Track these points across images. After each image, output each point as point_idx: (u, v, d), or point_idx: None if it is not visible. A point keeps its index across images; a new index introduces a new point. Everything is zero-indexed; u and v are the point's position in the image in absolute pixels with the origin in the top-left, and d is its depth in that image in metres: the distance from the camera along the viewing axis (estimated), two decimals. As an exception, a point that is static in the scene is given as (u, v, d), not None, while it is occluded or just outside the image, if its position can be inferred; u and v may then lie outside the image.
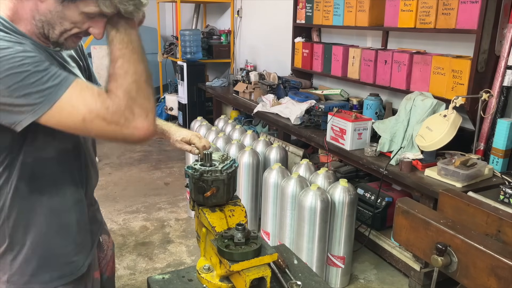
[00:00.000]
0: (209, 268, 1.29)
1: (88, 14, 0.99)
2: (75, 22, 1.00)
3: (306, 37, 4.32)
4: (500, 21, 2.55)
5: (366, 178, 3.44)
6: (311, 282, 1.36)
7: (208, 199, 1.28)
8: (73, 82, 0.93)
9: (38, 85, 0.90)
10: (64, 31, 1.01)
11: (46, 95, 0.90)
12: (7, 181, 1.06)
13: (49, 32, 1.01)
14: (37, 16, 0.99)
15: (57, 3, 0.97)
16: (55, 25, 1.00)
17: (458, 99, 2.44)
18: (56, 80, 0.91)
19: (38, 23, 1.00)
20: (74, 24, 1.01)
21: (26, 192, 1.08)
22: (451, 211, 1.62)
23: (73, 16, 0.99)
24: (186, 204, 3.83)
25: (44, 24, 1.00)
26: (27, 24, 1.01)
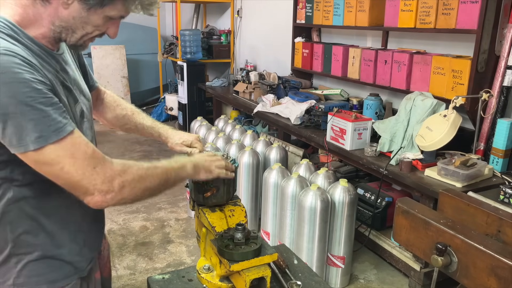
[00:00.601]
0: (209, 268, 1.29)
1: (111, 17, 1.04)
2: (98, 25, 1.04)
3: (306, 37, 4.32)
4: (500, 21, 2.55)
5: (366, 178, 3.44)
6: (311, 282, 1.36)
7: (208, 199, 1.28)
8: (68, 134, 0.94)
9: (35, 123, 0.90)
10: (85, 34, 1.05)
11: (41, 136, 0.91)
12: (9, 185, 1.04)
13: (67, 37, 1.04)
14: (57, 22, 1.00)
15: (83, 10, 1.00)
16: (77, 29, 1.03)
17: (458, 99, 2.44)
18: (52, 126, 0.92)
19: (57, 29, 1.01)
20: (96, 28, 1.05)
21: (29, 195, 1.06)
22: (451, 211, 1.62)
23: (97, 20, 1.03)
24: (186, 204, 3.83)
25: (63, 30, 1.02)
26: (39, 28, 1.01)
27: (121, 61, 6.44)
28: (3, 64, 0.88)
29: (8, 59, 0.90)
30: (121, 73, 6.48)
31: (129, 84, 6.56)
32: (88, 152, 0.98)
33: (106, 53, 6.33)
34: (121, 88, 6.49)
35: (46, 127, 0.91)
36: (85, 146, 0.98)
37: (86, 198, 0.99)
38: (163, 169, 1.12)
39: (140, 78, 7.00)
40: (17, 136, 0.90)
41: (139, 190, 1.06)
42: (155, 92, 7.24)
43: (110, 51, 6.33)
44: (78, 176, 0.96)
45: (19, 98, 0.88)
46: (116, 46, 6.37)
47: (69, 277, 1.16)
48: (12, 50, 0.92)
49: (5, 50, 0.90)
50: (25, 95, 0.89)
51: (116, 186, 1.00)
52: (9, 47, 0.92)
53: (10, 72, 0.88)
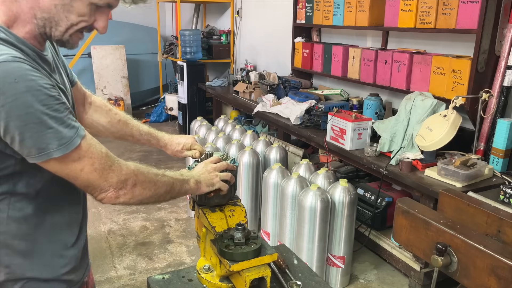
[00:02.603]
0: (209, 268, 1.29)
1: (97, 5, 0.97)
2: (83, 14, 0.97)
3: (306, 37, 4.32)
4: (500, 21, 2.55)
5: (366, 178, 3.44)
6: (311, 282, 1.36)
7: (210, 199, 1.28)
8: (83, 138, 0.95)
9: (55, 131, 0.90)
10: (70, 26, 0.97)
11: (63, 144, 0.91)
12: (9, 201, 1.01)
13: (51, 31, 0.97)
14: (38, 14, 0.94)
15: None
16: (60, 20, 0.96)
17: (458, 99, 2.44)
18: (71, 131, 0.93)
19: (39, 22, 0.95)
20: (82, 17, 0.97)
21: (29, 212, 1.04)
22: (451, 211, 1.62)
23: (81, 7, 0.96)
24: (186, 204, 3.83)
25: (47, 22, 0.96)
26: (25, 25, 0.95)
27: (121, 61, 6.44)
28: (15, 72, 0.85)
29: (19, 66, 0.87)
30: (121, 73, 6.48)
31: (129, 84, 6.56)
32: (103, 151, 1.00)
33: (106, 53, 6.33)
34: (121, 88, 6.49)
35: (67, 132, 0.92)
36: (99, 146, 0.99)
37: (100, 195, 1.01)
38: (170, 179, 1.14)
39: (140, 78, 7.00)
40: (38, 146, 0.89)
41: (148, 192, 1.08)
42: (155, 92, 7.24)
43: (110, 51, 6.33)
44: (96, 175, 0.98)
45: (36, 107, 0.86)
46: (116, 46, 6.37)
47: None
48: (19, 56, 0.89)
49: (13, 57, 0.87)
50: (41, 103, 0.87)
51: (129, 184, 1.03)
52: (14, 54, 0.89)
53: (25, 80, 0.86)
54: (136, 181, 1.04)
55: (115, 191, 1.01)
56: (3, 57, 0.86)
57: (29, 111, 0.86)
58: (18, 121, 0.86)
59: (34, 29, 0.97)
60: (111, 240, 3.24)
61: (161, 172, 1.13)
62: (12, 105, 0.84)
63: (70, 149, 0.92)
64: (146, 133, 1.45)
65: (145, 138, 1.45)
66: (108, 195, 1.01)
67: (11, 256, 1.04)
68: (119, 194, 1.02)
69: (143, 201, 1.09)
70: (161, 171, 1.14)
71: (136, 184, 1.04)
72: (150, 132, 1.46)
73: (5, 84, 0.84)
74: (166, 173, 1.15)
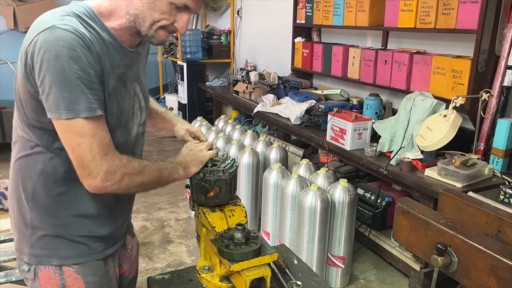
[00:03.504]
0: (209, 268, 1.29)
1: (176, 5, 1.10)
2: (164, 12, 1.10)
3: (306, 37, 4.32)
4: (500, 21, 2.55)
5: (366, 178, 3.44)
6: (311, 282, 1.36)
7: (210, 199, 1.28)
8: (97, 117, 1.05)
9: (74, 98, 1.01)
10: (153, 22, 1.11)
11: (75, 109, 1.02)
12: (45, 155, 1.13)
13: (140, 26, 1.11)
14: (131, 10, 1.10)
15: None
16: (146, 17, 1.10)
17: (458, 99, 2.44)
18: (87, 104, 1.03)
19: (131, 17, 1.10)
20: (163, 15, 1.10)
21: (61, 171, 1.14)
22: (451, 211, 1.62)
23: (162, 6, 1.09)
24: (186, 204, 3.83)
25: (136, 18, 1.10)
26: (118, 19, 1.12)
27: (121, 61, 6.43)
28: (68, 40, 1.00)
29: (73, 37, 1.01)
30: (121, 73, 6.46)
31: (129, 84, 6.54)
32: (106, 139, 1.07)
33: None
34: (121, 88, 6.47)
35: (82, 103, 1.02)
36: (106, 133, 1.08)
37: (87, 180, 1.07)
38: (158, 168, 1.19)
39: None
40: (56, 103, 1.01)
41: (135, 183, 1.14)
42: (155, 92, 7.24)
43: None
44: (90, 156, 1.05)
45: (67, 71, 0.99)
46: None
47: (83, 256, 1.21)
48: (80, 31, 1.02)
49: (74, 29, 1.01)
50: (73, 71, 1.00)
51: (117, 176, 1.09)
52: (78, 29, 1.03)
53: (70, 49, 0.99)
54: (124, 174, 1.10)
55: (102, 180, 1.07)
56: (67, 26, 1.01)
57: (62, 72, 0.99)
58: (51, 76, 0.99)
59: (126, 24, 1.12)
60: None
61: (151, 163, 1.18)
62: (52, 62, 0.99)
63: (78, 116, 1.02)
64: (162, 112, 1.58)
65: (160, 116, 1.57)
66: (95, 182, 1.07)
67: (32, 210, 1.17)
68: (105, 185, 1.08)
69: (130, 191, 1.18)
70: (151, 163, 1.19)
71: (124, 177, 1.10)
72: (165, 112, 1.58)
73: (55, 45, 0.99)
74: (156, 163, 1.20)
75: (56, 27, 1.00)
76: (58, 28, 1.00)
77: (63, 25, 1.01)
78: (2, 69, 4.59)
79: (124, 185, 1.11)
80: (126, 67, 1.17)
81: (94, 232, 1.23)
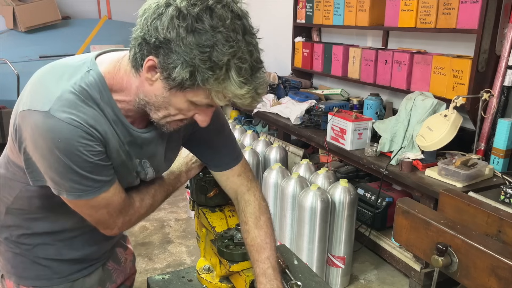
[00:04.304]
0: (209, 269, 1.29)
1: (196, 103, 0.94)
2: (181, 109, 0.96)
3: (306, 37, 4.31)
4: (501, 20, 2.55)
5: (367, 178, 3.44)
6: (311, 282, 1.36)
7: (210, 199, 1.27)
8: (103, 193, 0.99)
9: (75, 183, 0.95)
10: (168, 115, 0.97)
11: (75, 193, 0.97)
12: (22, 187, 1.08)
13: (151, 112, 0.98)
14: (141, 95, 0.96)
15: (165, 90, 0.91)
16: (160, 108, 0.96)
17: (458, 99, 2.44)
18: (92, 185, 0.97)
19: (141, 101, 0.97)
20: (179, 111, 0.96)
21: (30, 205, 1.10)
22: (451, 211, 1.62)
23: (179, 103, 0.94)
24: (186, 204, 3.83)
25: (147, 104, 0.97)
26: (126, 96, 0.99)
27: (121, 61, 6.43)
28: (64, 134, 0.89)
29: (71, 130, 0.89)
30: (121, 73, 6.47)
31: (129, 84, 6.55)
32: (122, 198, 1.05)
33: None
34: (121, 88, 6.48)
35: (84, 187, 0.96)
36: (120, 195, 1.05)
37: (104, 231, 1.09)
38: (164, 189, 1.20)
39: None
40: (53, 184, 0.97)
41: (147, 215, 1.16)
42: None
43: (110, 51, 6.33)
44: (108, 217, 1.05)
45: (66, 163, 0.91)
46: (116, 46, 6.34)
47: (42, 280, 1.16)
48: (79, 120, 0.90)
49: (72, 120, 0.90)
50: (73, 163, 0.92)
51: (133, 221, 1.12)
52: (78, 115, 0.91)
53: (67, 144, 0.90)
54: (138, 217, 1.12)
55: (119, 229, 1.10)
56: (64, 116, 0.89)
57: (58, 162, 0.91)
58: (46, 163, 0.93)
59: (133, 102, 0.99)
60: (111, 240, 3.24)
61: (157, 185, 1.18)
62: (45, 152, 0.91)
63: (82, 198, 0.97)
64: None
65: None
66: (113, 231, 1.09)
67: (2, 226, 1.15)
68: (122, 230, 1.12)
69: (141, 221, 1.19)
70: (157, 183, 1.18)
71: (138, 218, 1.13)
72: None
73: (51, 137, 0.89)
74: (161, 182, 1.20)
75: (50, 116, 0.88)
76: (53, 117, 0.88)
77: (59, 113, 0.89)
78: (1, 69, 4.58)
79: (137, 222, 1.14)
80: (132, 145, 1.05)
81: (62, 255, 1.16)
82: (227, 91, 0.88)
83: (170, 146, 1.15)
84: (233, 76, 0.86)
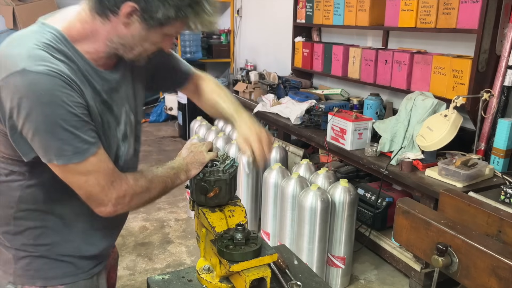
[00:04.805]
0: (209, 269, 1.28)
1: (169, 34, 1.06)
2: (155, 42, 1.06)
3: (306, 37, 4.31)
4: (501, 20, 2.55)
5: (367, 178, 3.44)
6: (311, 282, 1.36)
7: (210, 199, 1.27)
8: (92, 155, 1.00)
9: (63, 143, 0.95)
10: (143, 51, 1.07)
11: (65, 155, 0.97)
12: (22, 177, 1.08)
13: (124, 53, 1.06)
14: (115, 39, 1.02)
15: (143, 29, 1.01)
16: (135, 46, 1.05)
17: (458, 99, 2.44)
18: (78, 148, 0.97)
19: (113, 45, 1.03)
20: (154, 45, 1.07)
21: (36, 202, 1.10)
22: (451, 211, 1.62)
23: (156, 38, 1.04)
24: (186, 204, 3.83)
25: (121, 46, 1.04)
26: (94, 43, 1.03)
27: (121, 61, 6.43)
28: (44, 85, 0.92)
29: (50, 80, 0.92)
30: (121, 73, 6.46)
31: (129, 84, 6.55)
32: (110, 168, 1.05)
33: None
34: (121, 88, 6.47)
35: (72, 148, 0.97)
36: (108, 162, 1.05)
37: (98, 209, 1.06)
38: (162, 179, 1.18)
39: None
40: (43, 149, 0.97)
41: (143, 201, 1.14)
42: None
43: (110, 51, 6.33)
44: (99, 189, 1.03)
45: (52, 118, 0.93)
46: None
47: (68, 276, 1.17)
48: (56, 70, 0.94)
49: (49, 70, 0.93)
50: (59, 117, 0.93)
51: (127, 199, 1.08)
52: (53, 67, 0.94)
53: (49, 94, 0.92)
54: (133, 196, 1.09)
55: (113, 206, 1.06)
56: (41, 68, 0.92)
57: (44, 120, 0.93)
58: (33, 124, 0.93)
59: (104, 49, 1.05)
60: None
61: (154, 174, 1.16)
62: (31, 110, 0.92)
63: (71, 161, 0.97)
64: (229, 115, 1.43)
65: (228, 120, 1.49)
66: (107, 209, 1.06)
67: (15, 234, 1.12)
68: (117, 209, 1.07)
69: (138, 208, 1.17)
70: (155, 173, 1.17)
71: (133, 198, 1.09)
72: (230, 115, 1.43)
73: (31, 92, 0.91)
74: (159, 173, 1.18)
75: (27, 71, 0.90)
76: (30, 72, 0.90)
77: (35, 66, 0.91)
78: (2, 69, 4.59)
79: (134, 205, 1.11)
80: (108, 92, 1.10)
81: (82, 252, 1.19)
82: (201, 20, 1.04)
83: (137, 86, 1.24)
84: (206, 7, 1.03)
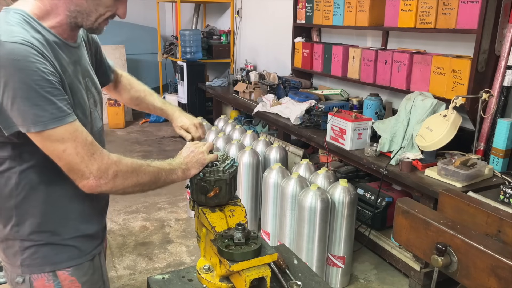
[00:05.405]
0: (209, 268, 1.29)
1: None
2: (108, 6, 1.13)
3: (306, 37, 4.32)
4: (500, 21, 2.55)
5: (366, 178, 3.44)
6: (311, 282, 1.36)
7: (210, 199, 1.27)
8: (69, 123, 1.03)
9: (39, 109, 0.99)
10: (99, 16, 1.14)
11: (42, 121, 0.99)
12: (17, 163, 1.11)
13: (83, 21, 1.13)
14: (72, 7, 1.10)
15: None
16: (91, 12, 1.12)
17: (458, 99, 2.44)
18: (54, 114, 1.01)
19: (72, 14, 1.11)
20: (107, 8, 1.14)
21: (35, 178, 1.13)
22: (451, 211, 1.62)
23: (107, 1, 1.12)
24: (186, 204, 3.83)
25: (79, 14, 1.11)
26: (56, 17, 1.11)
27: (121, 61, 6.44)
28: (20, 52, 0.97)
29: (25, 48, 0.98)
30: (120, 73, 6.47)
31: (128, 84, 6.55)
32: (88, 139, 1.06)
33: (106, 52, 6.12)
34: (121, 88, 6.47)
35: (48, 114, 1.00)
36: (86, 134, 1.07)
37: (81, 182, 1.07)
38: (155, 169, 1.19)
39: (140, 78, 6.77)
40: (21, 117, 0.99)
41: (131, 182, 1.13)
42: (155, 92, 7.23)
43: (110, 51, 6.33)
44: (78, 159, 1.04)
45: (29, 84, 0.97)
46: (116, 46, 6.36)
47: (74, 259, 1.22)
48: (29, 40, 1.00)
49: (23, 40, 0.99)
50: (35, 82, 0.98)
51: (110, 174, 1.08)
52: (27, 38, 1.01)
53: (25, 61, 0.97)
54: (117, 171, 1.09)
55: (96, 179, 1.07)
56: (15, 38, 0.99)
57: (21, 86, 0.97)
58: (11, 92, 0.97)
59: (66, 20, 1.12)
60: (111, 240, 3.24)
61: (146, 162, 1.18)
62: (8, 78, 0.96)
63: (46, 128, 1.00)
64: (159, 108, 1.62)
65: (159, 112, 1.63)
66: (89, 182, 1.07)
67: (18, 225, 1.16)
68: (100, 183, 1.07)
69: (126, 191, 1.15)
70: (147, 162, 1.18)
71: (117, 174, 1.09)
72: (162, 108, 1.62)
73: (8, 60, 0.96)
74: (152, 163, 1.19)
75: (2, 42, 0.97)
76: (5, 42, 0.97)
77: (10, 37, 0.98)
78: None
79: (119, 184, 1.10)
80: (75, 64, 1.17)
81: (82, 231, 1.24)
82: None
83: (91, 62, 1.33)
84: None
